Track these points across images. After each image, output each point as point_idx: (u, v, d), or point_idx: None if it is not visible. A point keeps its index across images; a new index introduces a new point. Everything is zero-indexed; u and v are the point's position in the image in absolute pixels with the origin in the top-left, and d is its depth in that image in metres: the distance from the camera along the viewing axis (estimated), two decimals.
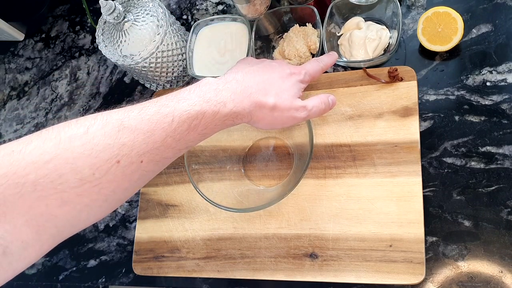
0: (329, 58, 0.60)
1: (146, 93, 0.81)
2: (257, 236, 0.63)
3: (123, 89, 0.83)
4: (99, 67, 0.87)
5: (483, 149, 0.58)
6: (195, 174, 0.62)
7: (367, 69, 0.64)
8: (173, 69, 0.74)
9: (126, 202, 0.75)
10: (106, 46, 0.70)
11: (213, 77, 0.49)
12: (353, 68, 0.67)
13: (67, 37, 0.93)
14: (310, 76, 0.56)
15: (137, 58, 0.68)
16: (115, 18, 0.66)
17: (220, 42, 0.74)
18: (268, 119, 0.50)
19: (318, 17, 0.66)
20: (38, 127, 0.88)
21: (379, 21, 0.67)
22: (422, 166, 0.59)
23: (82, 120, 0.39)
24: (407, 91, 0.61)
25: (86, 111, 0.85)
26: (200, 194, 0.59)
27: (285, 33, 0.71)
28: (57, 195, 0.36)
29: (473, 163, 0.58)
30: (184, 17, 0.84)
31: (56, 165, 0.35)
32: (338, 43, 0.68)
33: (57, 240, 0.38)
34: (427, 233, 0.56)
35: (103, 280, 0.71)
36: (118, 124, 0.39)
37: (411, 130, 0.59)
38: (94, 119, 0.39)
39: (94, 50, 0.90)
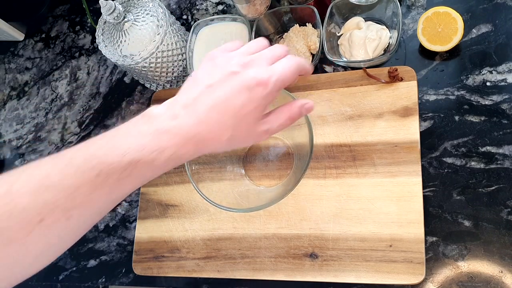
0: (306, 64, 0.46)
1: (146, 93, 0.81)
2: (257, 236, 0.63)
3: (123, 89, 0.83)
4: (99, 67, 0.87)
5: (483, 149, 0.58)
6: (195, 174, 0.61)
7: (367, 69, 0.64)
8: (173, 69, 0.74)
9: (126, 202, 0.75)
10: (106, 46, 0.70)
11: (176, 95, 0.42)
12: (353, 68, 0.67)
13: (67, 37, 0.93)
14: (282, 83, 0.42)
15: (137, 58, 0.68)
16: (115, 18, 0.66)
17: (220, 42, 0.74)
18: (223, 148, 0.43)
19: (318, 17, 0.66)
20: (38, 127, 0.88)
21: (379, 21, 0.67)
22: (422, 166, 0.59)
23: (7, 176, 0.38)
24: (407, 91, 0.61)
25: (86, 111, 0.85)
26: (200, 194, 0.59)
27: (285, 33, 0.71)
28: None
29: (473, 163, 0.58)
30: (184, 17, 0.84)
31: None
32: (338, 43, 0.68)
33: None
34: (427, 233, 0.56)
35: (103, 280, 0.71)
36: (42, 180, 0.37)
37: (411, 130, 0.59)
38: (19, 175, 0.37)
39: (94, 50, 0.90)
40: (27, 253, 0.37)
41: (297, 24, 0.70)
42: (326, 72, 0.69)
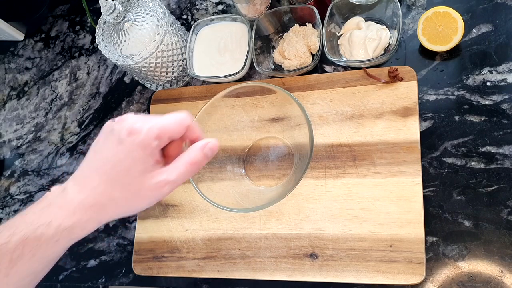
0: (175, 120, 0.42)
1: (146, 93, 0.81)
2: (257, 236, 0.63)
3: (123, 89, 0.83)
4: (99, 67, 0.87)
5: (483, 149, 0.58)
6: (195, 174, 0.61)
7: (367, 69, 0.64)
8: (173, 69, 0.74)
9: None
10: (106, 46, 0.70)
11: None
12: (353, 68, 0.67)
13: (67, 37, 0.93)
14: (159, 131, 0.40)
15: (137, 58, 0.68)
16: (115, 18, 0.66)
17: (220, 42, 0.74)
18: (123, 210, 0.41)
19: (318, 17, 0.66)
20: (37, 127, 0.88)
21: (379, 21, 0.66)
22: (422, 166, 0.59)
23: None
24: (407, 91, 0.61)
25: (86, 111, 0.85)
26: (200, 194, 0.59)
27: (285, 33, 0.71)
28: None
29: (473, 163, 0.58)
30: (184, 17, 0.84)
31: None
32: (338, 43, 0.68)
33: None
34: (427, 233, 0.56)
35: (103, 280, 0.71)
36: None
37: (411, 130, 0.59)
38: None
39: (94, 50, 0.90)
40: None
41: (297, 24, 0.70)
42: (326, 72, 0.69)
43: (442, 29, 0.61)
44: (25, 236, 0.38)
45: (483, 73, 0.61)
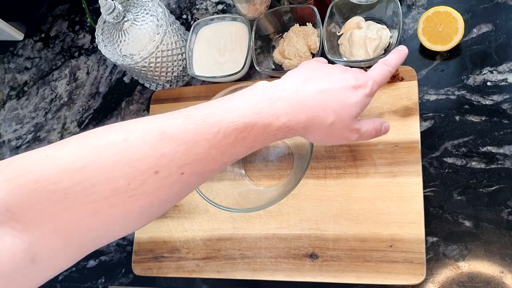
0: (399, 56, 0.50)
1: (146, 93, 0.81)
2: (257, 236, 0.63)
3: (123, 89, 0.83)
4: (98, 67, 0.87)
5: (484, 149, 0.58)
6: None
7: (367, 69, 0.64)
8: (172, 69, 0.74)
9: None
10: (105, 45, 0.70)
11: (274, 76, 0.44)
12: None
13: (67, 36, 0.93)
14: (378, 86, 0.47)
15: (137, 58, 0.68)
16: (115, 17, 0.66)
17: (220, 41, 0.74)
18: (321, 136, 0.45)
19: (318, 17, 0.66)
20: (37, 127, 0.88)
21: (379, 21, 0.66)
22: (423, 166, 0.58)
23: (123, 125, 0.37)
24: (408, 91, 0.61)
25: (85, 111, 0.84)
26: (200, 194, 0.59)
27: (285, 33, 0.71)
28: (89, 204, 0.34)
29: (473, 163, 0.58)
30: (184, 16, 0.84)
31: (89, 173, 0.34)
32: (339, 42, 0.67)
33: (88, 249, 0.37)
34: (428, 233, 0.56)
35: (103, 280, 0.71)
36: (159, 132, 0.37)
37: (411, 130, 0.59)
38: (135, 125, 0.37)
39: (93, 49, 0.89)
40: (133, 207, 0.36)
41: (297, 24, 0.70)
42: None
43: (442, 29, 0.61)
44: (254, 122, 0.39)
45: (483, 73, 0.61)
